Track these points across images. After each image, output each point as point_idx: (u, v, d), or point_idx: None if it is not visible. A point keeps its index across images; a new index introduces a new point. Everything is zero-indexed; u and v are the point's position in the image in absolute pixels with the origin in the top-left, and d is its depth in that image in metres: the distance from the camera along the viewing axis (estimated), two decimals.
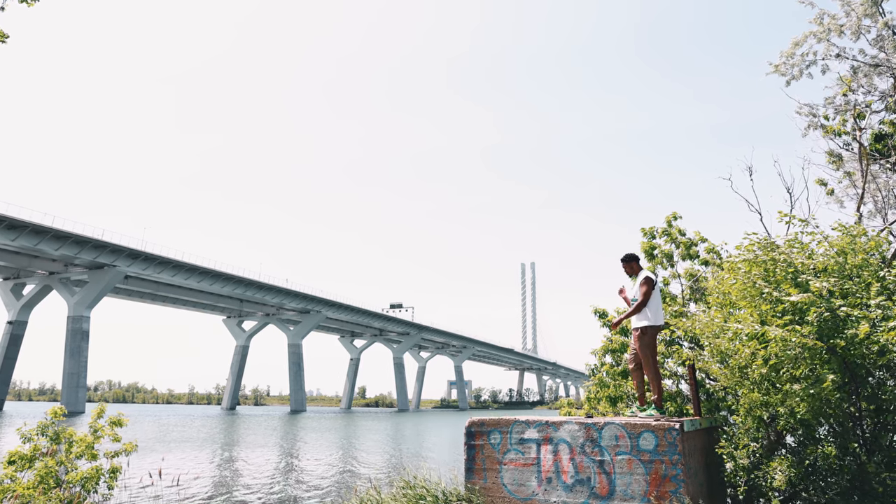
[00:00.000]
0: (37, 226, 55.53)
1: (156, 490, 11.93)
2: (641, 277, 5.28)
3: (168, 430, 37.66)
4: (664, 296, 7.64)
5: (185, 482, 14.29)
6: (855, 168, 8.55)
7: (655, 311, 5.19)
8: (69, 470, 6.18)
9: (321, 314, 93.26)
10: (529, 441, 4.83)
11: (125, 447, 6.38)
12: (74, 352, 63.33)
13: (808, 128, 9.15)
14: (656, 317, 5.19)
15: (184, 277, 71.57)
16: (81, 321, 64.43)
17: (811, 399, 4.17)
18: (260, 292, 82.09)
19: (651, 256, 8.08)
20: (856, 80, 8.77)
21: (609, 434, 4.59)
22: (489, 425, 5.06)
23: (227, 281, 76.37)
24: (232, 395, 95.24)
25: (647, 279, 5.22)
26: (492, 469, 4.94)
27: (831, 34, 9.15)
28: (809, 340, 4.06)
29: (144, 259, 66.30)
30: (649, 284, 5.20)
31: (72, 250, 59.81)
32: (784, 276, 4.57)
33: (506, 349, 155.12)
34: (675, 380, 7.36)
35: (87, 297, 64.82)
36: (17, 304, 67.16)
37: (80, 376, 63.15)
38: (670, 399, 7.08)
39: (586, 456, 4.61)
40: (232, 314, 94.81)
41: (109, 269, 64.28)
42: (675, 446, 4.34)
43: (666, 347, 7.24)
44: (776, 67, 9.80)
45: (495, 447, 4.95)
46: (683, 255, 7.93)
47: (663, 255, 8.04)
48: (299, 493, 13.58)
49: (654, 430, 4.44)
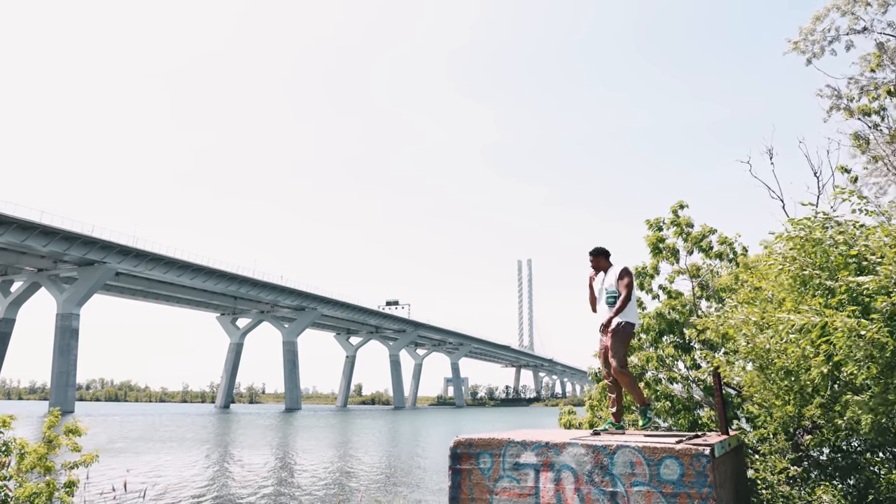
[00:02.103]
0: (24, 221, 54.50)
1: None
2: (619, 269, 4.84)
3: (154, 429, 36.79)
4: (668, 293, 7.26)
5: (155, 494, 13.39)
6: (884, 152, 7.77)
7: (633, 308, 4.85)
8: (20, 484, 5.66)
9: (316, 311, 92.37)
10: (526, 466, 4.01)
11: (84, 458, 5.84)
12: (64, 350, 62.36)
13: (832, 110, 8.38)
14: (634, 313, 4.85)
15: (176, 274, 70.59)
16: (71, 319, 63.45)
17: (883, 410, 3.36)
18: (254, 289, 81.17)
19: (657, 251, 7.39)
20: (885, 55, 7.99)
21: (623, 460, 3.78)
22: (478, 446, 4.25)
23: (220, 278, 75.42)
24: (226, 393, 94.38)
25: (628, 271, 4.82)
26: (481, 499, 4.13)
27: (856, 6, 8.38)
28: (882, 336, 3.23)
29: (135, 255, 65.31)
30: (631, 277, 4.81)
31: (60, 247, 58.78)
32: (843, 262, 3.75)
33: (502, 346, 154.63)
34: (686, 386, 6.66)
35: (77, 295, 63.81)
36: (4, 301, 66.12)
37: (69, 375, 62.22)
38: (684, 410, 6.31)
39: (595, 486, 3.81)
40: (226, 311, 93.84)
41: (99, 265, 63.27)
42: (705, 476, 3.52)
43: (676, 350, 6.64)
44: (795, 45, 9.03)
45: (485, 473, 4.13)
46: (690, 249, 7.26)
47: (669, 251, 7.35)
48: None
49: (678, 455, 3.63)
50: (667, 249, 7.30)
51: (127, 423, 44.32)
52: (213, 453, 23.41)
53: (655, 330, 6.81)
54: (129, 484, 13.24)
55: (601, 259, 5.00)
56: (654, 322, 6.82)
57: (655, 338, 6.81)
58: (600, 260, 4.99)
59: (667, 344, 6.79)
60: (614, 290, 4.74)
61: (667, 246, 7.31)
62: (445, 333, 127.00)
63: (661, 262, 7.31)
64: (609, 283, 4.82)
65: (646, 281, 7.31)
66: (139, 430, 35.54)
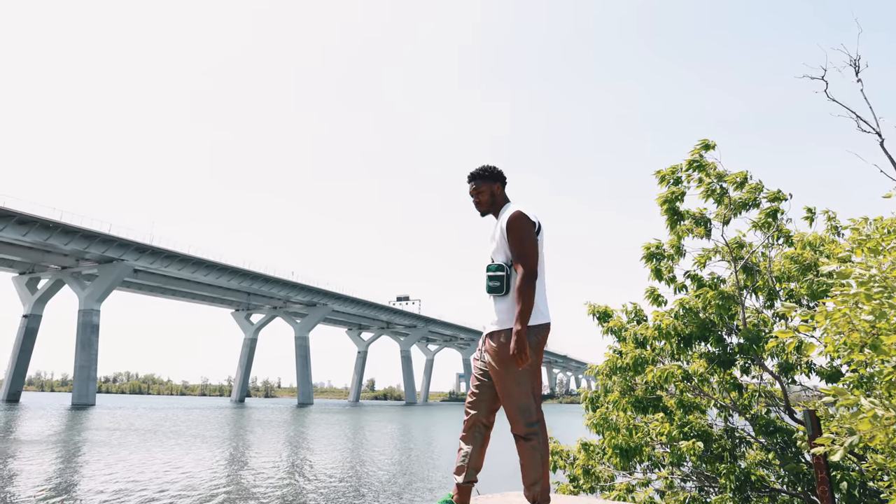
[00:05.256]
0: (46, 221, 56.98)
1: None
2: (508, 216, 2.49)
3: (162, 422, 38.83)
4: (699, 281, 5.09)
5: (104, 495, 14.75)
6: None
7: (539, 295, 2.46)
8: None
9: (327, 307, 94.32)
10: None
11: None
12: (85, 344, 64.96)
13: None
14: (542, 303, 2.48)
15: (191, 271, 72.90)
16: (91, 314, 66.03)
17: None
18: (266, 285, 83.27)
19: (675, 218, 5.01)
20: None
21: None
22: None
23: (233, 274, 77.61)
24: (241, 387, 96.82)
25: (521, 217, 2.47)
26: None
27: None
28: None
29: (151, 253, 67.68)
30: (526, 226, 2.45)
31: (81, 245, 61.27)
32: None
33: None
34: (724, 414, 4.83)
35: (97, 291, 66.37)
36: (31, 298, 68.94)
37: (90, 369, 64.79)
38: (726, 455, 4.43)
39: None
40: (240, 307, 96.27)
41: (118, 263, 65.71)
42: None
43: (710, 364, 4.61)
44: None
45: None
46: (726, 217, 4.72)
47: (694, 219, 4.94)
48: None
49: None
50: (690, 217, 4.97)
51: (139, 416, 46.55)
52: (203, 447, 25.10)
53: (679, 335, 4.75)
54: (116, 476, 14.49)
55: (483, 192, 2.61)
56: (677, 323, 4.78)
57: (678, 346, 4.78)
58: (482, 193, 2.61)
59: (696, 355, 4.84)
60: (496, 266, 2.47)
61: (690, 214, 5.00)
62: (456, 329, 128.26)
63: (683, 238, 5.10)
64: (493, 247, 2.53)
65: (663, 265, 5.18)
66: (149, 424, 37.58)
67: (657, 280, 5.30)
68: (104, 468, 16.25)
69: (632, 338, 5.08)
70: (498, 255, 2.52)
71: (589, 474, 5.24)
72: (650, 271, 5.29)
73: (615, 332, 5.31)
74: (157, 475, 15.12)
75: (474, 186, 2.65)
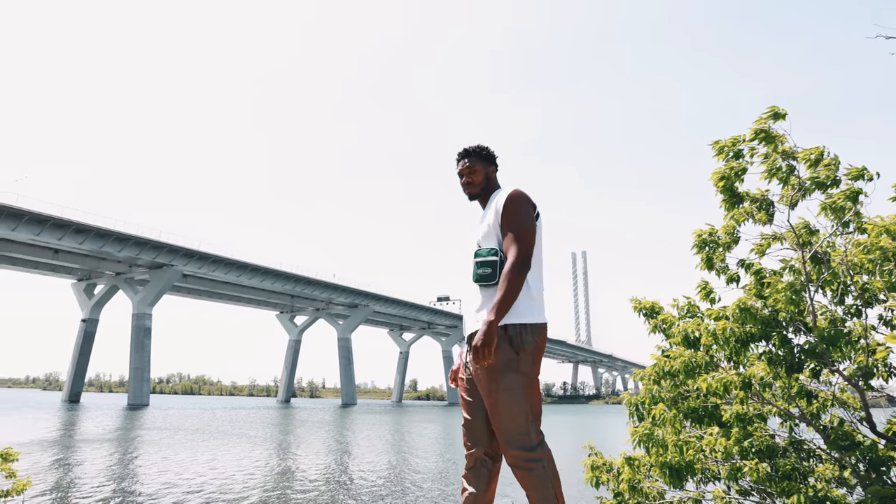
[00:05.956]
0: (100, 229, 59.38)
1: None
2: (507, 193, 2.19)
3: (209, 422, 39.74)
4: (757, 274, 4.32)
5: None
6: None
7: (537, 287, 2.13)
8: None
9: (368, 308, 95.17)
10: None
11: (16, 486, 5.52)
12: (139, 347, 67.40)
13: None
14: (536, 302, 2.11)
15: (236, 275, 74.74)
16: (144, 318, 68.48)
17: None
18: (308, 288, 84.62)
19: (734, 199, 4.22)
20: None
21: None
22: None
23: (276, 277, 79.17)
24: (286, 387, 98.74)
25: (521, 197, 2.17)
26: None
27: None
28: None
29: (199, 258, 69.69)
30: (527, 207, 2.16)
31: (133, 251, 63.62)
32: None
33: (558, 341, 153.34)
34: (787, 423, 4.22)
35: (149, 296, 68.78)
36: (89, 303, 72.10)
37: (144, 370, 67.18)
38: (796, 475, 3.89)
39: None
40: (284, 309, 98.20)
41: (168, 268, 67.94)
42: None
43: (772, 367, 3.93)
44: None
45: None
46: (792, 200, 3.95)
47: (756, 202, 4.16)
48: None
49: None
50: (751, 199, 4.18)
51: (189, 416, 47.78)
52: (240, 447, 25.42)
53: (734, 337, 4.05)
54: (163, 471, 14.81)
55: (478, 172, 2.32)
56: (735, 326, 4.03)
57: (736, 349, 4.07)
58: (477, 173, 2.31)
59: (754, 357, 4.20)
60: (488, 250, 2.12)
61: (751, 195, 4.18)
62: None
63: (740, 224, 4.29)
64: (483, 230, 2.18)
65: (716, 254, 4.43)
66: (198, 423, 38.50)
67: (708, 270, 4.55)
68: (149, 466, 16.58)
69: (681, 336, 4.42)
70: (488, 240, 2.16)
71: (635, 490, 4.68)
72: (700, 260, 4.54)
73: (664, 329, 4.65)
74: (197, 474, 15.30)
75: (467, 164, 2.34)
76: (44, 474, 14.81)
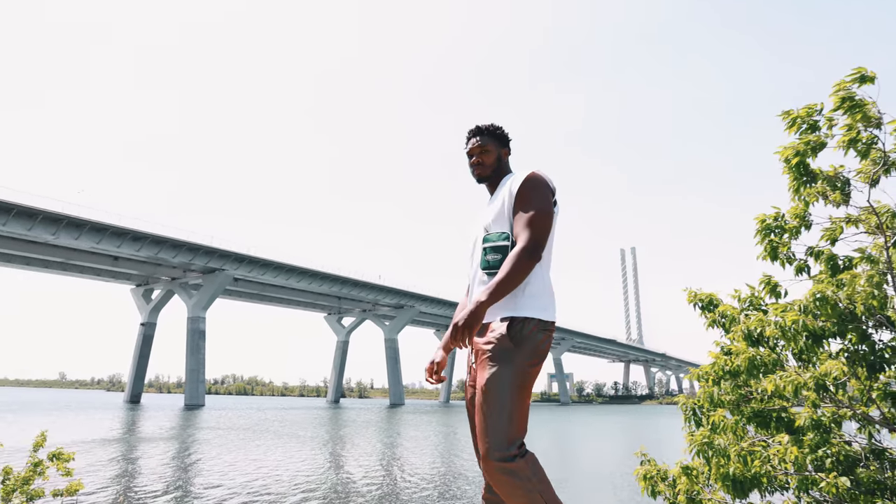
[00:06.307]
0: (156, 236, 61.74)
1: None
2: (523, 175, 1.98)
3: (261, 422, 40.57)
4: (829, 261, 3.78)
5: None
6: None
7: (548, 281, 1.94)
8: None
9: (414, 309, 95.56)
10: None
11: (69, 487, 5.45)
12: (194, 350, 69.71)
13: None
14: (545, 294, 1.91)
15: (285, 278, 76.36)
16: (198, 321, 70.78)
17: None
18: (355, 289, 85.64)
19: (806, 178, 3.60)
20: None
21: None
22: None
23: (323, 279, 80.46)
24: (335, 388, 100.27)
25: (538, 180, 1.95)
26: None
27: None
28: None
29: (249, 262, 71.53)
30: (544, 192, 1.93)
31: (187, 257, 65.86)
32: None
33: (608, 340, 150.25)
34: (864, 428, 3.69)
35: (203, 300, 71.05)
36: (147, 307, 75.14)
37: (199, 372, 69.43)
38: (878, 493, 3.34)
39: None
40: (332, 311, 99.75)
41: (220, 272, 70.00)
42: None
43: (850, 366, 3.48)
44: None
45: None
46: (873, 175, 3.33)
47: (829, 180, 3.53)
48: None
49: None
50: (824, 177, 3.55)
51: (242, 416, 48.94)
52: (282, 446, 25.66)
53: (806, 331, 3.44)
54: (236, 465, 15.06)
55: (490, 153, 2.10)
56: (806, 319, 3.43)
57: (807, 346, 3.52)
58: (489, 153, 2.10)
59: (825, 355, 3.64)
60: (499, 234, 1.92)
61: (825, 175, 3.54)
62: None
63: (812, 203, 3.70)
64: (492, 214, 1.98)
65: (783, 241, 3.85)
66: (250, 422, 39.37)
67: (771, 261, 3.98)
68: (200, 464, 16.91)
69: (742, 332, 3.87)
70: (499, 223, 1.98)
71: (694, 502, 4.24)
72: (763, 250, 3.95)
73: (722, 324, 4.14)
74: (244, 472, 15.46)
75: (479, 143, 2.15)
76: (104, 470, 15.55)
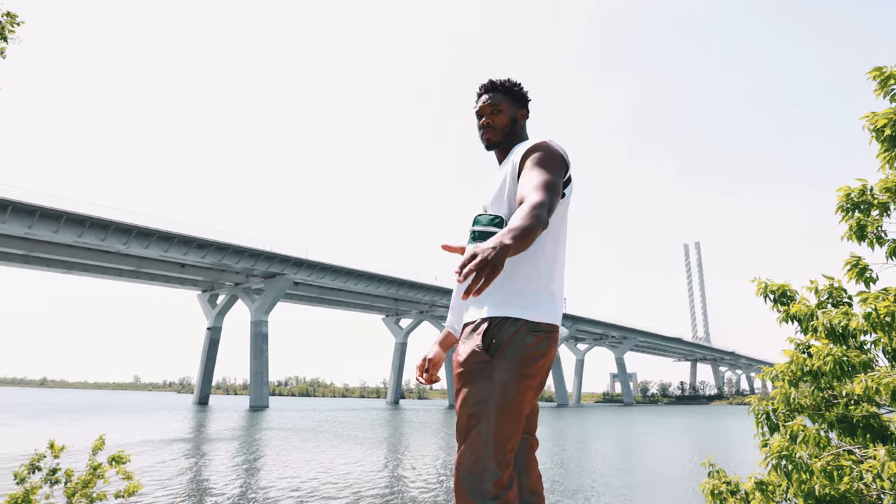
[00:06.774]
0: (220, 243, 64.16)
1: None
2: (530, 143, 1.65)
3: (322, 423, 41.29)
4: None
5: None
6: None
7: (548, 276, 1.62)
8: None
9: None
10: None
11: (128, 489, 5.57)
12: (257, 353, 71.97)
13: None
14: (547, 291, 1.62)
15: (342, 281, 77.72)
16: (261, 325, 73.03)
17: None
18: (412, 291, 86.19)
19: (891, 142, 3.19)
20: None
21: None
22: None
23: (380, 282, 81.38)
24: (395, 389, 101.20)
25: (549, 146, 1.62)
26: None
27: None
28: None
29: (307, 266, 73.22)
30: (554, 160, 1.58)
31: (249, 263, 68.12)
32: None
33: (673, 339, 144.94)
34: None
35: (265, 304, 73.27)
36: (212, 312, 78.23)
37: (262, 374, 71.60)
38: None
39: None
40: (389, 313, 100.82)
41: (280, 277, 72.00)
42: None
43: None
44: None
45: None
46: None
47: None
48: None
49: None
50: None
51: (304, 418, 49.99)
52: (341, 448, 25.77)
53: None
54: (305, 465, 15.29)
55: (503, 113, 1.76)
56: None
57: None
58: (501, 113, 1.76)
59: None
60: (490, 218, 1.62)
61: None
62: (607, 327, 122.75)
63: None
64: (493, 190, 1.68)
65: (871, 220, 3.39)
66: (311, 423, 40.13)
67: (858, 242, 3.46)
68: (261, 463, 17.23)
69: (825, 327, 3.34)
70: (497, 204, 1.65)
71: None
72: (847, 229, 3.43)
73: (799, 319, 3.55)
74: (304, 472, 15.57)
75: (490, 100, 1.78)
76: (172, 467, 16.31)
